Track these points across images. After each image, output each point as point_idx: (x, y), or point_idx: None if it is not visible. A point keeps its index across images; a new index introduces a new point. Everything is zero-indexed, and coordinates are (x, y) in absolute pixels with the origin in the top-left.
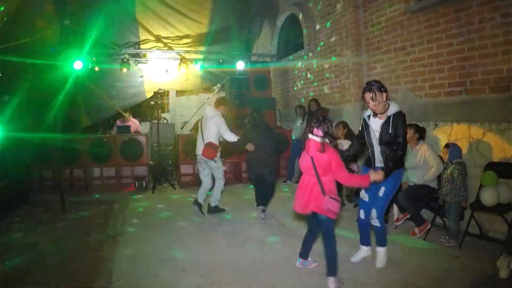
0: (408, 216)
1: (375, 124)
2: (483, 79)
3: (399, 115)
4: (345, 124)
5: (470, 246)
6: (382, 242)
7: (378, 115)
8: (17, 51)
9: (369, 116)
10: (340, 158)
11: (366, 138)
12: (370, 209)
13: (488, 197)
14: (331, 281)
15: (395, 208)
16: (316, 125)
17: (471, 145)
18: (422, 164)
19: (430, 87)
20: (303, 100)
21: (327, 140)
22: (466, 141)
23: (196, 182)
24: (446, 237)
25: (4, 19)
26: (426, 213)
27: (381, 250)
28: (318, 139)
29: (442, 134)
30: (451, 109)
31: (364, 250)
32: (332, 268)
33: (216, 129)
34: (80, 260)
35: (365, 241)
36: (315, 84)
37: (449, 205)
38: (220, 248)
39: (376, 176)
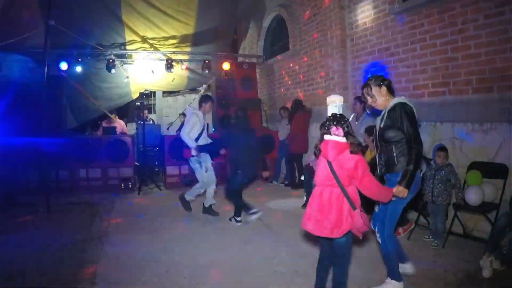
0: None
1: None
2: (466, 79)
3: (395, 108)
4: None
5: (454, 245)
6: (389, 271)
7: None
8: (2, 53)
9: (382, 116)
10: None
11: (375, 141)
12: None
13: (474, 196)
14: None
15: None
16: (334, 122)
17: (454, 145)
18: None
19: (414, 87)
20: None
21: (355, 140)
22: (450, 141)
23: (181, 183)
24: (431, 237)
25: None
26: (409, 213)
27: (387, 281)
28: (341, 139)
29: (426, 135)
30: (434, 109)
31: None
32: None
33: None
34: (64, 261)
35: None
36: (301, 85)
37: (439, 207)
38: (203, 250)
39: (397, 191)
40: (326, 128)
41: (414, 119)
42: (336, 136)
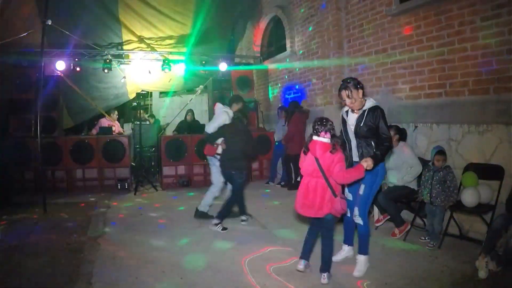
0: (388, 217)
1: (351, 119)
2: (463, 81)
3: (375, 109)
4: None
5: (450, 246)
6: (363, 248)
7: (355, 110)
8: None
9: (347, 112)
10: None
11: (343, 134)
12: (354, 207)
13: (469, 198)
14: (324, 276)
15: (375, 209)
16: (322, 127)
17: (450, 147)
18: (402, 165)
19: (411, 89)
20: (289, 97)
21: (337, 141)
22: (446, 143)
23: (178, 184)
24: (427, 238)
25: None
26: (406, 214)
27: (361, 259)
28: (327, 141)
29: (422, 136)
30: (431, 110)
31: (346, 250)
32: (328, 265)
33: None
34: (61, 261)
35: (347, 241)
36: (298, 86)
37: (436, 207)
38: (200, 250)
39: (366, 163)
40: (315, 131)
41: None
42: (323, 138)
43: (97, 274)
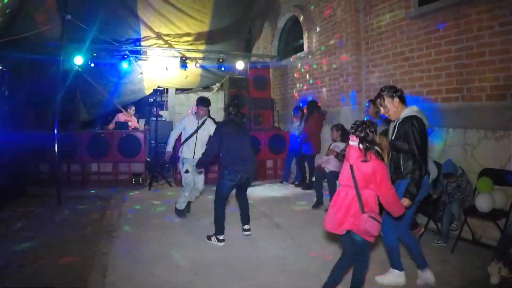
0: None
1: (390, 130)
2: (480, 86)
3: (406, 120)
4: (339, 127)
5: (462, 251)
6: (391, 261)
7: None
8: (18, 45)
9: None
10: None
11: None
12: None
13: (484, 203)
14: None
15: None
16: (352, 130)
17: (466, 151)
18: None
19: (428, 92)
20: (301, 104)
21: (370, 147)
22: (462, 147)
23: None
24: (440, 242)
25: (7, 11)
26: (419, 218)
27: (390, 271)
28: (355, 144)
29: (438, 139)
30: (447, 115)
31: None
32: None
33: None
34: (75, 253)
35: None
36: (314, 86)
37: (456, 200)
38: (214, 246)
39: (405, 203)
40: (350, 134)
41: (422, 134)
42: (352, 141)
43: (112, 266)
